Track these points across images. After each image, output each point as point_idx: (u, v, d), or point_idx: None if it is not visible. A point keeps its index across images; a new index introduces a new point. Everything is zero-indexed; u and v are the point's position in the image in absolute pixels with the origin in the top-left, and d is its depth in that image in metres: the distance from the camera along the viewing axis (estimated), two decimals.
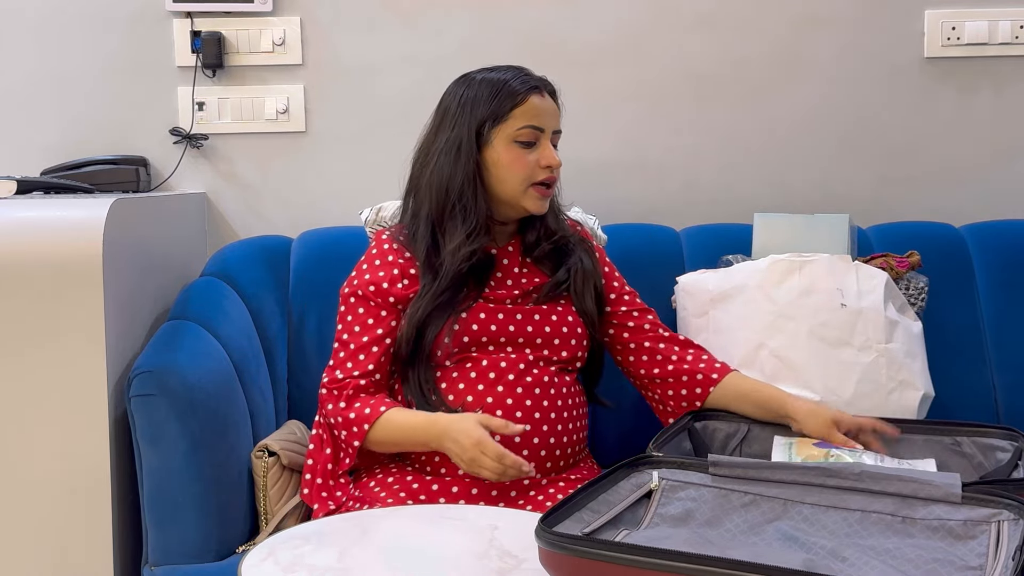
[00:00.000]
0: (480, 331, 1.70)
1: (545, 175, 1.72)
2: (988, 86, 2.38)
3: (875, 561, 1.19)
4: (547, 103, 1.74)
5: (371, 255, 1.78)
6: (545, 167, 1.72)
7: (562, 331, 1.74)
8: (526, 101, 1.71)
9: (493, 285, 1.76)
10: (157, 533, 1.71)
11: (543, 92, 1.75)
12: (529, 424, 1.66)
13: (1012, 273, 2.17)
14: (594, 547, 1.13)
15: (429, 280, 1.71)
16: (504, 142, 1.71)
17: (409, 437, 1.63)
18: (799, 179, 2.39)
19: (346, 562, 1.26)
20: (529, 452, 1.66)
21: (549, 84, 1.78)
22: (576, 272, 1.79)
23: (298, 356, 2.10)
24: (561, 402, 1.71)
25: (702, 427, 1.76)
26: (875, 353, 1.87)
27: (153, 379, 1.69)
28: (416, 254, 1.74)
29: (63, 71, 2.36)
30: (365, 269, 1.76)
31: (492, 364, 1.69)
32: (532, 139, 1.72)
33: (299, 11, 2.36)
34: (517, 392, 1.68)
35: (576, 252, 1.81)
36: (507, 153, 1.71)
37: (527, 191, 1.72)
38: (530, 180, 1.72)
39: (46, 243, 1.71)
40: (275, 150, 2.39)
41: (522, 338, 1.72)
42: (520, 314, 1.73)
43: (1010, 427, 1.62)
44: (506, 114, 1.71)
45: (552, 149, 1.73)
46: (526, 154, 1.71)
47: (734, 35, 2.37)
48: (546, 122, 1.73)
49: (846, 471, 1.29)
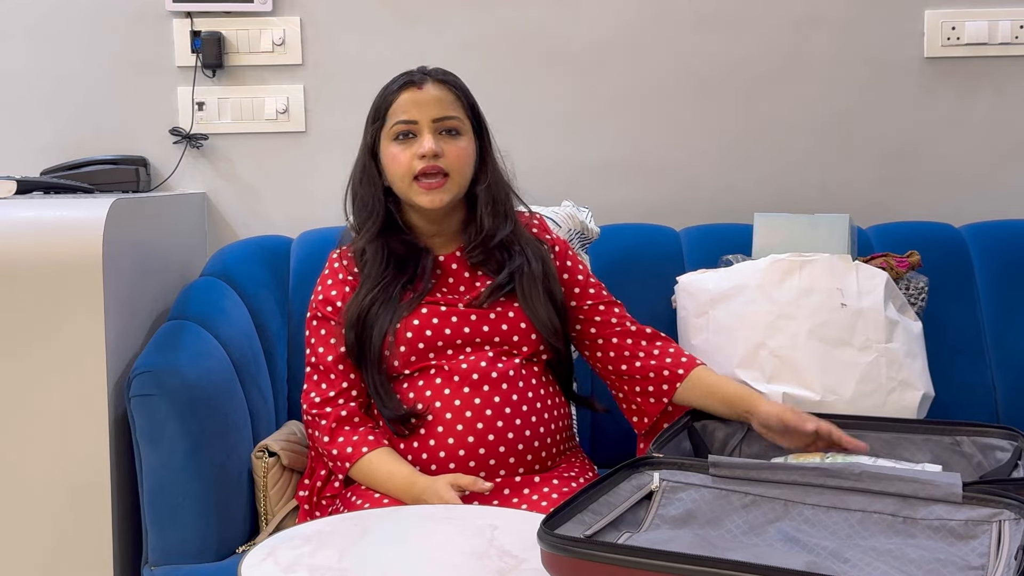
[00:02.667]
0: (435, 335, 1.69)
1: (422, 165, 1.68)
2: (988, 86, 2.38)
3: (877, 562, 1.19)
4: (422, 94, 1.71)
5: (324, 275, 1.80)
6: (421, 157, 1.68)
7: (519, 327, 1.72)
8: (397, 100, 1.71)
9: (445, 291, 1.74)
10: (157, 533, 1.71)
11: (419, 85, 1.71)
12: (501, 420, 1.66)
13: (1012, 273, 2.17)
14: (597, 549, 1.13)
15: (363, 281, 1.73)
16: (386, 143, 1.73)
17: (388, 490, 1.64)
18: (799, 179, 2.39)
19: (346, 562, 1.26)
20: (507, 448, 1.65)
21: (433, 74, 1.74)
22: (521, 276, 1.74)
23: (298, 356, 2.09)
24: (532, 393, 1.70)
25: (702, 427, 1.75)
26: (875, 353, 1.87)
27: (153, 379, 1.69)
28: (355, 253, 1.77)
29: (63, 71, 2.36)
30: (320, 290, 1.78)
31: (454, 368, 1.68)
32: (406, 132, 1.70)
33: (299, 11, 2.36)
34: (484, 390, 1.66)
35: (520, 255, 1.76)
36: (387, 152, 1.72)
37: (412, 186, 1.70)
38: (411, 174, 1.69)
39: (46, 243, 1.71)
40: (275, 150, 2.39)
41: (479, 337, 1.70)
42: (474, 315, 1.72)
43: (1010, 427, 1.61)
44: (384, 117, 1.73)
45: (428, 138, 1.68)
46: (404, 149, 1.70)
47: (734, 35, 2.37)
48: (418, 113, 1.70)
49: (846, 471, 1.29)
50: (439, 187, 1.70)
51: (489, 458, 1.65)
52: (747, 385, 1.89)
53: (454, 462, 1.65)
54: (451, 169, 1.70)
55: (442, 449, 1.65)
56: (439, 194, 1.70)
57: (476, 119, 1.77)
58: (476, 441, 1.64)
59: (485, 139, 1.79)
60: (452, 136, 1.72)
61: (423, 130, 1.70)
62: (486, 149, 1.79)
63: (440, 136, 1.71)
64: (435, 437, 1.65)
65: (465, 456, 1.64)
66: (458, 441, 1.65)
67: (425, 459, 1.66)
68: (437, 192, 1.70)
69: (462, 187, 1.74)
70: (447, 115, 1.72)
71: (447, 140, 1.71)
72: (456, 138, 1.72)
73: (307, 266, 2.15)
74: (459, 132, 1.73)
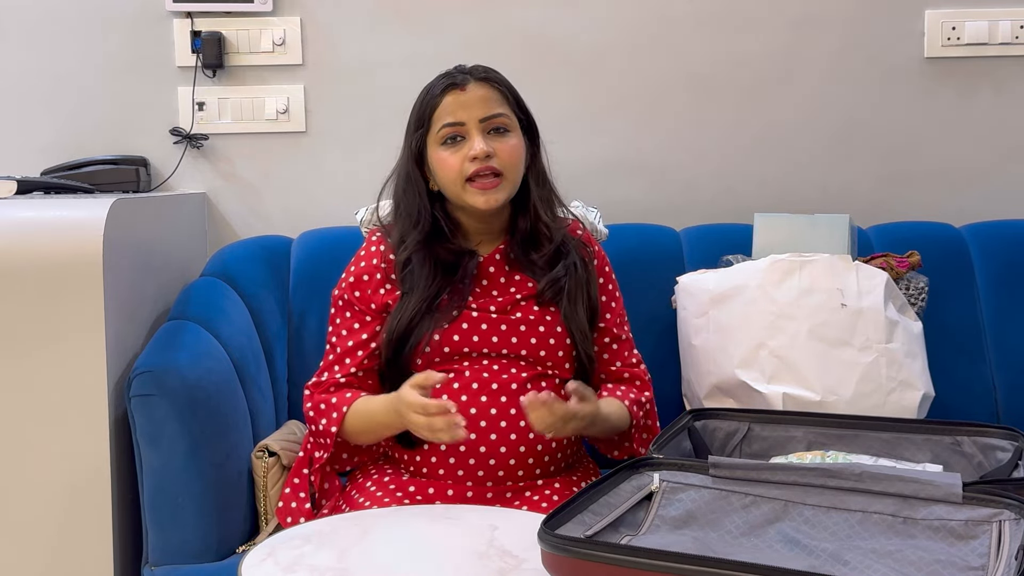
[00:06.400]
0: (462, 342, 1.68)
1: (474, 167, 1.65)
2: (988, 86, 2.38)
3: (877, 564, 1.19)
4: (467, 95, 1.68)
5: (358, 257, 1.77)
6: (472, 159, 1.65)
7: (549, 343, 1.70)
8: (441, 103, 1.68)
9: (478, 292, 1.72)
10: (157, 533, 1.71)
11: (461, 86, 1.68)
12: (515, 433, 1.64)
13: (1012, 273, 2.17)
14: (597, 549, 1.14)
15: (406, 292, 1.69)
16: (434, 148, 1.69)
17: (378, 419, 1.62)
18: (799, 179, 2.39)
19: (346, 562, 1.26)
20: (517, 460, 1.65)
21: (474, 72, 1.70)
22: (574, 274, 1.72)
23: (298, 356, 2.10)
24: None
25: (702, 426, 1.75)
26: (875, 353, 1.87)
27: (153, 379, 1.69)
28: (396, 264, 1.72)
29: (63, 71, 2.36)
30: (351, 272, 1.75)
31: (475, 375, 1.67)
32: (454, 135, 1.67)
33: (299, 11, 2.36)
34: (501, 401, 1.65)
35: (572, 254, 1.74)
36: (436, 157, 1.69)
37: (466, 188, 1.67)
38: (463, 177, 1.66)
39: (46, 243, 1.71)
40: (275, 150, 2.39)
41: (506, 349, 1.68)
42: (505, 324, 1.69)
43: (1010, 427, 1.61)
44: (428, 122, 1.69)
45: (478, 139, 1.65)
46: (453, 153, 1.67)
47: (734, 35, 2.37)
48: (464, 115, 1.67)
49: (846, 471, 1.29)
50: (494, 187, 1.66)
51: (499, 469, 1.64)
52: (747, 385, 1.90)
53: (463, 469, 1.64)
54: (504, 167, 1.67)
55: (453, 455, 1.64)
56: (494, 194, 1.67)
57: (524, 114, 1.74)
58: (488, 451, 1.63)
59: (534, 134, 1.76)
60: (501, 134, 1.68)
61: (471, 131, 1.66)
62: (536, 145, 1.76)
63: (489, 136, 1.67)
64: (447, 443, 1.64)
65: (475, 465, 1.64)
66: (470, 449, 1.64)
67: (434, 463, 1.66)
68: (492, 192, 1.66)
69: (516, 184, 1.70)
70: (494, 113, 1.68)
71: (497, 139, 1.67)
72: (505, 136, 1.69)
73: (307, 266, 2.16)
74: (508, 129, 1.69)
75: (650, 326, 2.07)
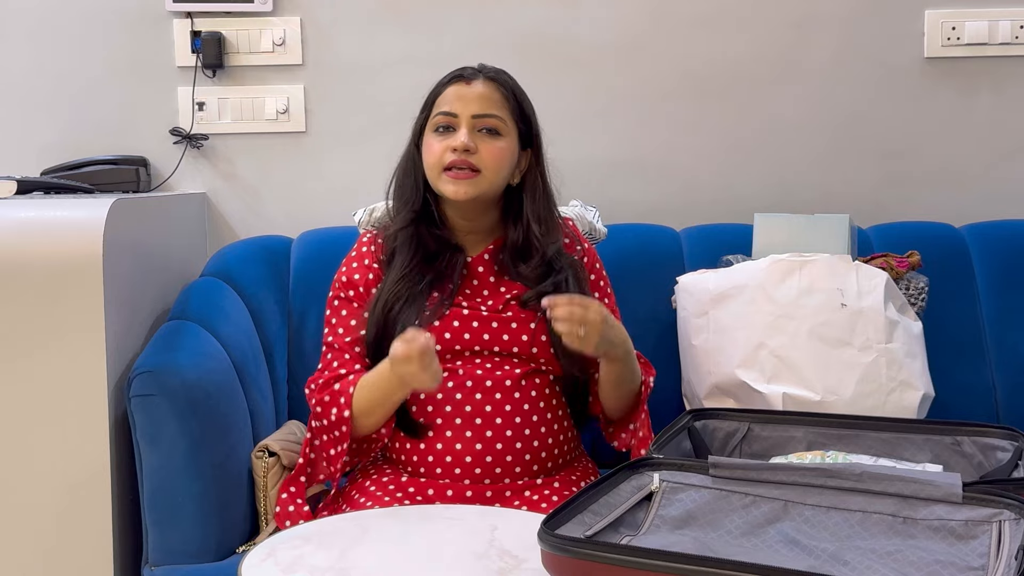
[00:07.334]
0: (453, 339, 1.69)
1: (452, 158, 1.67)
2: (988, 86, 2.38)
3: (877, 564, 1.19)
4: (469, 90, 1.70)
5: (350, 257, 1.79)
6: (452, 150, 1.67)
7: (541, 340, 1.70)
8: (444, 92, 1.72)
9: (468, 293, 1.73)
10: (157, 533, 1.71)
11: (467, 80, 1.71)
12: (511, 430, 1.65)
13: (1012, 273, 2.17)
14: (597, 550, 1.14)
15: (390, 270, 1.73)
16: (428, 133, 1.72)
17: (381, 387, 1.62)
18: (799, 179, 2.39)
19: (346, 562, 1.26)
20: (513, 457, 1.65)
21: (486, 71, 1.73)
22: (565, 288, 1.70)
23: (298, 356, 2.10)
24: (544, 403, 1.70)
25: (702, 426, 1.75)
26: (875, 353, 1.87)
27: (153, 379, 1.69)
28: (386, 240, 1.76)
29: (63, 71, 2.36)
30: (344, 271, 1.77)
31: (468, 373, 1.67)
32: (445, 124, 1.69)
33: (299, 11, 2.36)
34: (496, 398, 1.66)
35: (564, 269, 1.73)
36: (426, 142, 1.72)
37: (441, 176, 1.69)
38: (441, 164, 1.68)
39: (46, 243, 1.71)
40: (275, 150, 2.39)
41: (498, 346, 1.69)
42: (496, 322, 1.70)
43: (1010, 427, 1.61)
44: (430, 108, 1.73)
45: (464, 133, 1.67)
46: (440, 140, 1.69)
47: (734, 35, 2.37)
48: (460, 107, 1.69)
49: (846, 471, 1.29)
50: (466, 179, 1.67)
51: (495, 466, 1.65)
52: (747, 385, 1.90)
53: (460, 467, 1.64)
54: (483, 166, 1.68)
55: (449, 454, 1.65)
56: (464, 185, 1.67)
57: (526, 124, 1.74)
58: (484, 448, 1.64)
59: (536, 146, 1.76)
60: (491, 135, 1.69)
61: (461, 124, 1.68)
62: (536, 156, 1.76)
63: (478, 133, 1.69)
64: (443, 441, 1.65)
65: (472, 463, 1.64)
66: (466, 447, 1.64)
67: (431, 462, 1.66)
68: (463, 183, 1.67)
69: (493, 185, 1.70)
70: (488, 113, 1.69)
71: (484, 138, 1.69)
72: (494, 138, 1.69)
73: (307, 266, 2.16)
74: (499, 132, 1.70)
75: (650, 326, 2.07)
